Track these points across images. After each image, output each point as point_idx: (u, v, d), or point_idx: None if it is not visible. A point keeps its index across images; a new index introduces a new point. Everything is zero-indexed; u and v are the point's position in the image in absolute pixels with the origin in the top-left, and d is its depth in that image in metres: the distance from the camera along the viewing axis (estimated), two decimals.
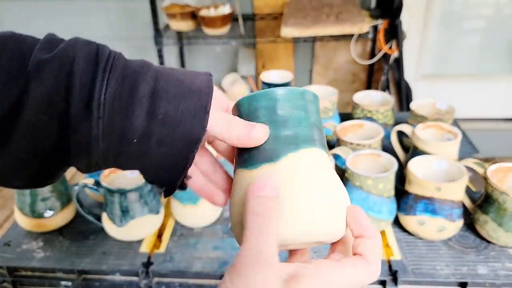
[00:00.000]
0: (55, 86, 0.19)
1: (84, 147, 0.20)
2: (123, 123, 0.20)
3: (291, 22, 1.13)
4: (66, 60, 0.19)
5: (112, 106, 0.19)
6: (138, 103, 0.20)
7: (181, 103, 0.21)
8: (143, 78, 0.20)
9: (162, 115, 0.20)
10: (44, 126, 0.19)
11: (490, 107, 1.58)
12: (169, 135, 0.20)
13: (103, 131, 0.20)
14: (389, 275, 0.49)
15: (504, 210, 0.50)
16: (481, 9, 1.46)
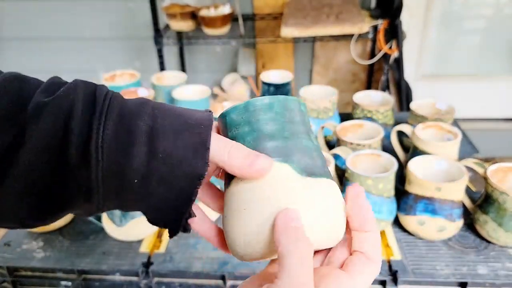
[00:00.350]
0: (53, 129, 0.19)
1: (84, 191, 0.20)
2: (123, 165, 0.19)
3: (291, 22, 1.13)
4: (65, 103, 0.19)
5: (111, 149, 0.19)
6: (137, 144, 0.19)
7: (180, 140, 0.20)
8: (141, 118, 0.20)
9: (162, 154, 0.20)
10: (40, 169, 0.19)
11: (490, 107, 1.58)
12: (170, 173, 0.20)
13: (103, 174, 0.19)
14: (389, 275, 0.49)
15: (504, 210, 0.50)
16: (481, 9, 1.46)
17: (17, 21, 1.47)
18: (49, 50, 1.49)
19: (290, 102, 0.23)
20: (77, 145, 0.19)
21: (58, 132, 0.19)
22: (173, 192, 0.20)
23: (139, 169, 0.20)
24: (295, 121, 0.22)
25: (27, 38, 1.49)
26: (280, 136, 0.21)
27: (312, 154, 0.22)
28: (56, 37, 1.47)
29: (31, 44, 1.50)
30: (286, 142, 0.21)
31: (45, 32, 1.47)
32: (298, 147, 0.21)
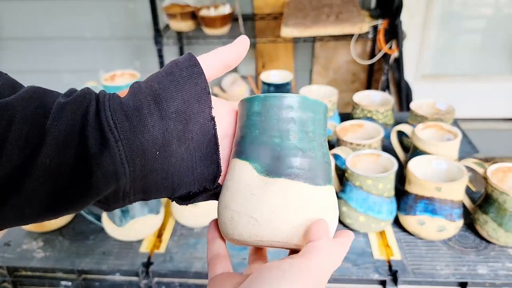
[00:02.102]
0: (72, 124, 0.20)
1: (111, 175, 0.20)
2: (142, 140, 0.20)
3: (291, 22, 1.13)
4: (82, 102, 0.21)
5: (124, 127, 0.20)
6: (148, 115, 0.20)
7: (185, 94, 0.21)
8: (140, 91, 0.21)
9: (174, 113, 0.21)
10: (62, 162, 0.19)
11: (490, 107, 1.58)
12: (185, 129, 0.21)
13: (126, 153, 0.20)
14: (389, 275, 0.49)
15: (504, 210, 0.50)
16: (481, 9, 1.46)
17: (17, 21, 1.47)
18: (49, 50, 1.49)
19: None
20: (94, 133, 0.20)
21: (75, 127, 0.20)
22: (195, 147, 0.22)
23: (157, 139, 0.21)
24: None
25: (27, 38, 1.49)
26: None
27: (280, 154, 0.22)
28: (56, 37, 1.47)
29: (31, 44, 1.50)
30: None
31: (45, 32, 1.47)
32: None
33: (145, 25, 1.42)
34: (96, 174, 0.20)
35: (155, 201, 0.55)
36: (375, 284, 0.50)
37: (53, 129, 0.19)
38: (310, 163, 0.22)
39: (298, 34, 1.10)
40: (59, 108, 0.20)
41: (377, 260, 0.51)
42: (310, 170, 0.22)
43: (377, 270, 0.50)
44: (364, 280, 0.49)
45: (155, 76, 0.22)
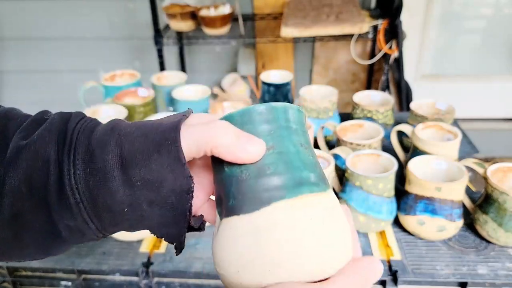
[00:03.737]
0: (29, 175, 0.19)
1: (76, 231, 0.19)
2: (106, 200, 0.19)
3: (291, 22, 1.13)
4: (40, 148, 0.19)
5: (88, 187, 0.19)
6: (111, 178, 0.19)
7: (153, 163, 0.19)
8: (108, 149, 0.19)
9: (140, 182, 0.19)
10: (26, 214, 0.19)
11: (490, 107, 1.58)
12: (156, 196, 0.19)
13: (88, 213, 0.19)
14: (389, 275, 0.49)
15: (504, 210, 0.50)
16: (481, 9, 1.46)
17: (17, 21, 1.47)
18: (49, 50, 1.49)
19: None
20: (53, 190, 0.19)
21: (35, 178, 0.18)
22: (167, 211, 0.19)
23: (124, 200, 0.19)
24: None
25: (27, 38, 1.49)
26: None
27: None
28: (56, 37, 1.47)
29: (31, 44, 1.50)
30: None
31: (45, 32, 1.47)
32: None
33: (145, 25, 1.42)
34: (60, 227, 0.19)
35: None
36: (375, 284, 0.50)
37: (10, 180, 0.18)
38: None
39: (298, 34, 1.10)
40: (15, 153, 0.19)
41: None
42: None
43: None
44: None
45: (134, 128, 0.20)
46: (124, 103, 0.73)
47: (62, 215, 0.19)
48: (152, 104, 0.76)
